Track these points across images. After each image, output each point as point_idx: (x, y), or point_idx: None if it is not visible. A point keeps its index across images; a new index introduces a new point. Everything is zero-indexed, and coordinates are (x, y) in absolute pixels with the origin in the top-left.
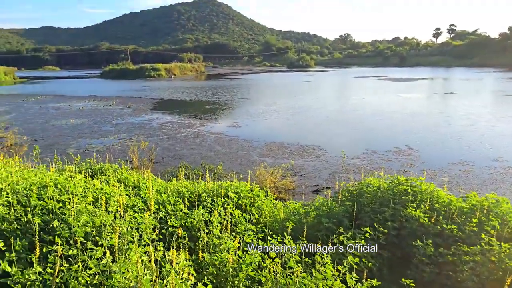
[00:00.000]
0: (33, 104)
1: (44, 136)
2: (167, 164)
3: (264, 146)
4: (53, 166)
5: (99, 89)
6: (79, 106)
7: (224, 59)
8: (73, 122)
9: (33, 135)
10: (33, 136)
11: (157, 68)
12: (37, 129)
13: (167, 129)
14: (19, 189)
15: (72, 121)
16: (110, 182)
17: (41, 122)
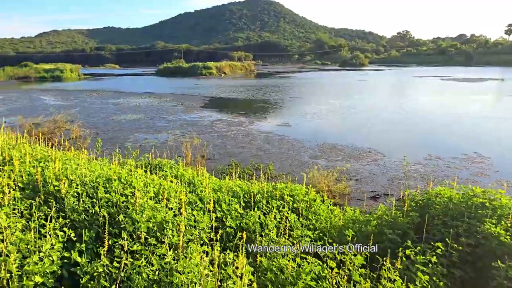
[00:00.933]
0: (95, 99)
1: (105, 129)
2: (218, 161)
3: (316, 147)
4: (115, 160)
5: (154, 86)
6: (136, 102)
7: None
8: (131, 117)
9: (95, 128)
10: (95, 129)
11: (208, 66)
12: (99, 123)
13: (218, 127)
14: (87, 181)
15: (130, 117)
16: (168, 177)
17: (102, 116)
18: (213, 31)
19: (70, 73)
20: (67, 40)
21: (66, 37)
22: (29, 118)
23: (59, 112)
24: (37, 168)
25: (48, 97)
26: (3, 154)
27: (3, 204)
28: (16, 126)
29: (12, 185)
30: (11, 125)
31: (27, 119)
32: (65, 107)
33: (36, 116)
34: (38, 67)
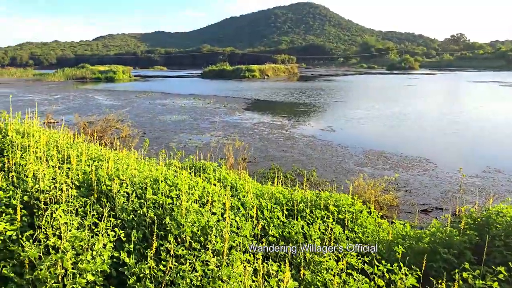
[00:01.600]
0: (144, 100)
1: (152, 129)
2: (259, 164)
3: (362, 154)
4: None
5: (199, 88)
6: (181, 104)
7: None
8: (176, 118)
9: (142, 128)
10: (142, 129)
11: (251, 69)
12: (146, 123)
13: (259, 129)
14: (136, 182)
15: (175, 117)
16: (211, 180)
17: (150, 116)
18: (258, 35)
19: (122, 75)
20: (121, 44)
21: (120, 40)
22: (84, 116)
23: (110, 112)
24: (91, 167)
25: (101, 97)
26: (63, 152)
27: (61, 201)
28: (73, 124)
29: (69, 183)
30: (68, 122)
31: (82, 117)
32: (116, 107)
33: (90, 115)
34: (93, 69)
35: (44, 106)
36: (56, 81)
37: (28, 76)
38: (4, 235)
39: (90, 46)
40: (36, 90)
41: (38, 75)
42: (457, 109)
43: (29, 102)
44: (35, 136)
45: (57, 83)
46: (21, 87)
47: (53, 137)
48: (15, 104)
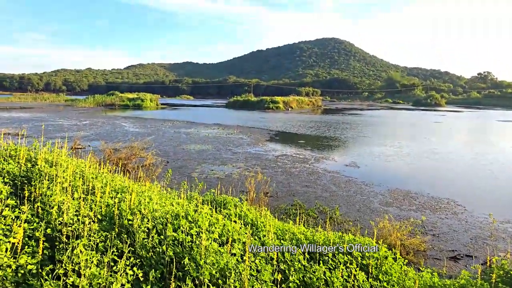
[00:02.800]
0: (169, 128)
1: (175, 158)
2: (280, 199)
3: (387, 192)
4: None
5: (223, 117)
6: (206, 133)
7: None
8: (199, 147)
9: (166, 156)
10: (166, 157)
11: (275, 100)
12: (170, 152)
13: (282, 162)
14: (157, 216)
15: (199, 147)
16: (231, 217)
17: (174, 145)
18: (283, 68)
19: (150, 102)
20: (150, 73)
21: (149, 70)
22: (110, 143)
23: (136, 139)
24: (114, 200)
25: (128, 124)
26: (88, 183)
27: (82, 235)
28: (99, 150)
29: (92, 216)
30: (94, 149)
31: (108, 144)
32: (142, 135)
33: (116, 141)
34: (122, 96)
35: (73, 132)
36: (86, 107)
37: (60, 101)
38: (24, 268)
39: (121, 74)
40: (66, 115)
41: (70, 101)
42: (488, 148)
43: (59, 127)
44: (63, 165)
45: (87, 109)
46: (53, 112)
47: (80, 167)
48: (45, 129)
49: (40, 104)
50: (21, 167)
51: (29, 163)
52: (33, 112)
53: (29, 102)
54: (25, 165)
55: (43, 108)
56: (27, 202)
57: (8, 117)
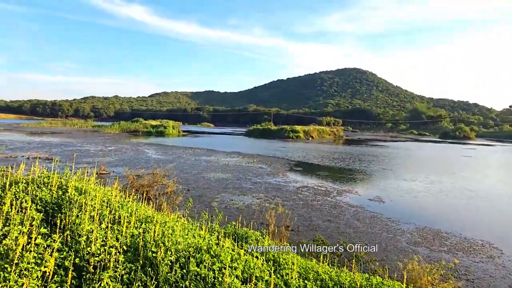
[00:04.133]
0: (190, 156)
1: (195, 186)
2: (301, 234)
3: (415, 231)
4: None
5: (243, 146)
6: (225, 161)
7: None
8: (219, 176)
9: (187, 184)
10: (187, 185)
11: (296, 130)
12: (190, 179)
13: (303, 194)
14: (179, 249)
15: (219, 175)
16: (253, 252)
17: (194, 173)
18: (303, 97)
19: (172, 130)
20: (173, 101)
21: (173, 98)
22: (133, 169)
23: (158, 166)
24: (139, 230)
25: (151, 151)
26: (114, 212)
27: (109, 266)
28: (123, 176)
29: (117, 246)
30: (118, 174)
31: (132, 170)
32: (164, 162)
33: (139, 168)
34: (146, 123)
35: (99, 157)
36: (112, 133)
37: (88, 127)
38: None
39: (145, 101)
40: (93, 141)
41: (97, 127)
42: None
43: (86, 153)
44: (91, 194)
45: (112, 135)
46: (80, 137)
47: (107, 195)
48: (72, 154)
49: (69, 129)
50: (52, 194)
51: (60, 191)
52: (62, 137)
53: (59, 127)
54: (56, 192)
55: (72, 133)
56: (58, 230)
57: (39, 142)
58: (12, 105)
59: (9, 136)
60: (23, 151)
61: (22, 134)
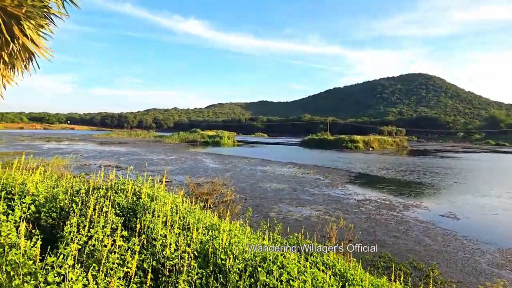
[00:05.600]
0: (245, 165)
1: (252, 196)
2: (365, 249)
3: (497, 251)
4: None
5: (299, 156)
6: (281, 172)
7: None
8: (275, 186)
9: (243, 193)
10: (243, 194)
11: (354, 139)
12: (247, 189)
13: (365, 208)
14: (246, 258)
15: (275, 186)
16: (319, 265)
17: (250, 182)
18: (361, 105)
19: (227, 140)
20: (228, 112)
21: (227, 109)
22: (193, 178)
23: (216, 175)
24: (206, 236)
25: (208, 160)
26: (182, 218)
27: (182, 270)
28: (183, 184)
29: (190, 252)
30: (180, 183)
31: (192, 178)
32: (221, 171)
33: (198, 176)
34: (203, 133)
35: (161, 166)
36: (172, 143)
37: (150, 137)
38: None
39: (202, 113)
40: (155, 150)
41: (158, 137)
42: None
43: (150, 161)
44: (161, 200)
45: (172, 145)
46: (144, 147)
47: (175, 202)
48: (138, 163)
49: (133, 139)
50: (128, 200)
51: (134, 197)
52: (128, 146)
53: (125, 138)
54: (131, 198)
55: (136, 143)
56: (134, 233)
57: (108, 151)
58: (85, 117)
59: (83, 146)
60: (95, 159)
61: (93, 144)
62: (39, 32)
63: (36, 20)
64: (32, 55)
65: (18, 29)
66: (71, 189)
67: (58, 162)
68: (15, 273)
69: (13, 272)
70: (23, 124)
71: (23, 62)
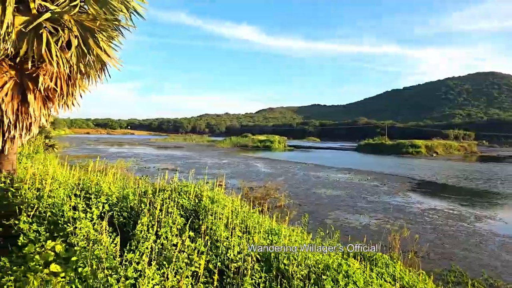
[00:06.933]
0: (298, 171)
1: (306, 202)
2: (433, 262)
3: None
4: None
5: (354, 162)
6: (336, 178)
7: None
8: (330, 193)
9: (297, 199)
10: (297, 200)
11: (416, 144)
12: (300, 194)
13: (431, 218)
14: (309, 265)
15: (330, 192)
16: (384, 276)
17: (304, 188)
18: (423, 108)
19: (278, 144)
20: (279, 116)
21: (278, 113)
22: (246, 182)
23: (268, 180)
24: (267, 241)
25: (260, 164)
26: (242, 221)
27: (246, 273)
28: (237, 188)
29: (253, 255)
30: (233, 186)
31: (245, 182)
32: (273, 175)
33: (251, 180)
34: (254, 138)
35: (215, 169)
36: (224, 148)
37: (203, 142)
38: None
39: (252, 118)
40: (209, 154)
41: (211, 141)
42: None
43: (204, 165)
44: (221, 203)
45: (225, 149)
46: (198, 151)
47: (234, 205)
48: (193, 166)
49: (188, 144)
50: (191, 201)
51: (196, 199)
52: (183, 150)
53: (180, 142)
54: (193, 200)
55: (190, 147)
56: (197, 234)
57: (166, 155)
58: (144, 123)
59: (142, 149)
60: (153, 162)
61: (152, 148)
62: (110, 43)
63: (107, 32)
64: (104, 65)
65: (93, 42)
66: (139, 190)
67: (122, 164)
68: (98, 267)
69: (95, 266)
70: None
71: (96, 72)
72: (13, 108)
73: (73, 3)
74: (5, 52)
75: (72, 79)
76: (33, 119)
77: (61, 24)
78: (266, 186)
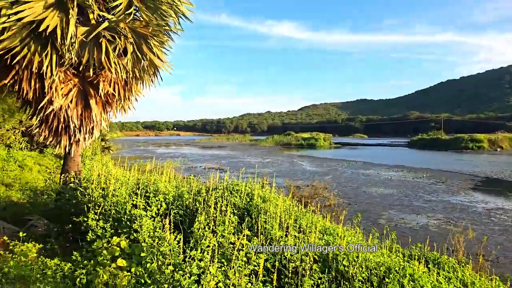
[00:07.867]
0: (345, 169)
1: (356, 201)
2: (504, 267)
3: None
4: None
5: (406, 159)
6: (387, 176)
7: None
8: (382, 191)
9: (347, 198)
10: (347, 199)
11: (477, 139)
12: (350, 193)
13: (499, 218)
14: (370, 267)
15: (381, 190)
16: (452, 280)
17: (353, 187)
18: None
19: (323, 142)
20: (323, 113)
21: (322, 110)
22: (291, 180)
23: (314, 178)
24: (322, 241)
25: (305, 163)
26: (296, 222)
27: (304, 274)
28: (283, 187)
29: (310, 256)
30: (278, 185)
31: (291, 181)
32: (319, 174)
33: (296, 179)
34: (297, 136)
35: (259, 168)
36: (267, 146)
37: (246, 141)
38: None
39: (295, 115)
40: (251, 153)
41: (253, 141)
42: None
43: (248, 164)
44: (273, 202)
45: (267, 148)
46: (241, 150)
47: (285, 204)
48: (237, 165)
49: (231, 143)
50: (242, 200)
51: (247, 197)
52: (226, 150)
53: (224, 142)
54: (245, 198)
55: (233, 146)
56: (252, 233)
57: (210, 154)
58: (188, 124)
59: (188, 150)
60: (200, 162)
61: (197, 148)
62: (162, 48)
63: (159, 37)
64: (157, 70)
65: (147, 47)
66: (193, 189)
67: (170, 164)
68: (162, 263)
69: (160, 262)
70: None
71: (149, 76)
72: (78, 114)
73: (127, 11)
74: (69, 61)
75: (128, 84)
76: (94, 123)
77: (117, 32)
78: (313, 185)
